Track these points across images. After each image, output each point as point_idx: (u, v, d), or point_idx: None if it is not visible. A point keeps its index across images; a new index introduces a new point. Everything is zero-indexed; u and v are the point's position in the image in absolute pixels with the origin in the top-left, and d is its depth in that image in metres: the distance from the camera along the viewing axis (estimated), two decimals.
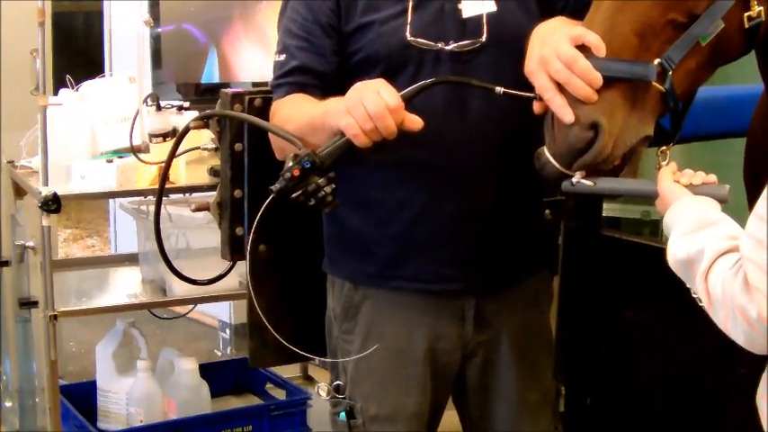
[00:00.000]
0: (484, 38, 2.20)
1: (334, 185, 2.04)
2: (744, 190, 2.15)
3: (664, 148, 1.94)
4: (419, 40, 2.18)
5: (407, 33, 2.19)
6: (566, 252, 3.05)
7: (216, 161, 2.95)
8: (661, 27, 1.86)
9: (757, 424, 1.67)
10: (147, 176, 3.22)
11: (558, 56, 1.88)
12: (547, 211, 2.49)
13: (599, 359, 3.10)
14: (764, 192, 1.51)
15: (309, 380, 4.15)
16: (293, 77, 2.28)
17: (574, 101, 1.87)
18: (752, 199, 1.99)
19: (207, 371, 3.67)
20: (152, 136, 3.18)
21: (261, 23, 3.49)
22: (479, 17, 2.20)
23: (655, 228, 3.39)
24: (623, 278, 3.00)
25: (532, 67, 1.94)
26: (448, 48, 2.19)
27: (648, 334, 2.93)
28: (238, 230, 2.67)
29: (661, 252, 1.72)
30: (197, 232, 3.42)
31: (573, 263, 3.07)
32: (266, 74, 2.46)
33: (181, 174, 3.21)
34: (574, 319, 3.10)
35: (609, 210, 3.36)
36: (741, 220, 1.58)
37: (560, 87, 1.88)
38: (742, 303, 1.50)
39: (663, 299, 2.57)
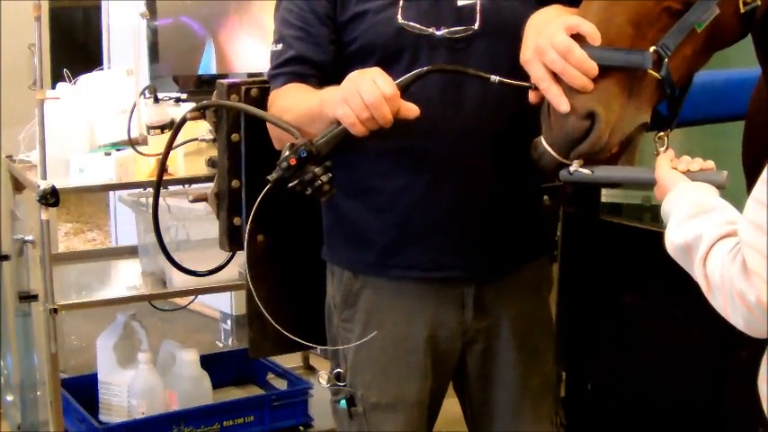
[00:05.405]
0: (477, 25, 2.20)
1: (330, 174, 2.04)
2: (743, 175, 2.15)
3: (661, 133, 1.94)
4: (410, 23, 2.18)
5: (399, 17, 2.19)
6: (565, 238, 3.06)
7: (213, 152, 2.94)
8: (656, 15, 1.85)
9: (758, 407, 1.67)
10: (145, 169, 3.22)
11: (553, 46, 1.87)
12: (545, 197, 2.48)
13: (599, 344, 3.12)
14: (762, 175, 1.51)
15: (311, 369, 4.15)
16: (290, 67, 2.27)
17: (570, 90, 1.86)
18: (750, 183, 2.00)
19: (208, 362, 3.68)
20: (150, 128, 3.18)
21: (257, 15, 3.49)
22: (474, 5, 2.20)
23: (656, 213, 3.38)
24: (623, 263, 3.02)
25: (528, 56, 1.94)
26: (439, 33, 2.18)
27: (648, 319, 2.95)
28: (236, 221, 2.66)
29: (660, 236, 1.72)
30: (196, 223, 3.42)
31: (572, 248, 3.08)
32: (262, 65, 2.45)
33: (179, 165, 3.21)
34: (574, 304, 3.12)
35: (610, 195, 3.37)
36: (740, 206, 1.58)
37: (556, 77, 1.88)
38: (741, 288, 1.50)
39: (662, 284, 2.58)
